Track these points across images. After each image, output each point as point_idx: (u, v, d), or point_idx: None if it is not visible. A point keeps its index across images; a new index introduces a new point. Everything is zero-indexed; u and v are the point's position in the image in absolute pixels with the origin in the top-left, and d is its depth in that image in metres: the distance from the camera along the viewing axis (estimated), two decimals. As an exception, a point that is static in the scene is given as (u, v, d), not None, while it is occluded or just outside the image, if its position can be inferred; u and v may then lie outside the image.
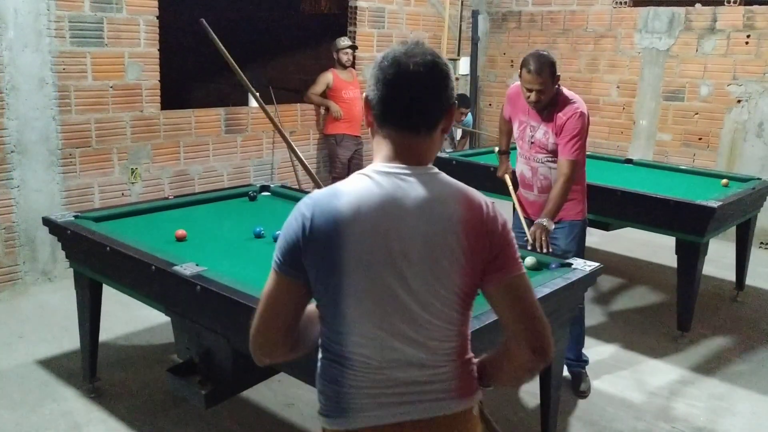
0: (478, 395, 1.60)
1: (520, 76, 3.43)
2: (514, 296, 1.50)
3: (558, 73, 3.40)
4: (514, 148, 3.83)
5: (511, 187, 3.87)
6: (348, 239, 1.40)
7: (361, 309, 1.44)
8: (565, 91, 3.49)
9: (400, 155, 1.48)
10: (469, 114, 6.86)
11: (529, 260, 2.83)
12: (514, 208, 3.80)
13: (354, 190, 1.44)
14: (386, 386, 1.50)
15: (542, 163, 3.52)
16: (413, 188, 1.45)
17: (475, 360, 1.62)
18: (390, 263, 1.42)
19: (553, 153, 3.47)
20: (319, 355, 1.57)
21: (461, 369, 1.56)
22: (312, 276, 1.44)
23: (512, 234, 1.53)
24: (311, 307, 1.55)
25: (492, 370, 1.63)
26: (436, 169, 1.51)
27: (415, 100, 1.45)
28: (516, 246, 1.52)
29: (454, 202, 1.46)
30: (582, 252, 3.52)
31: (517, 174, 3.72)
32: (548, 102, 3.41)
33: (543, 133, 3.48)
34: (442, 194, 1.46)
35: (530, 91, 3.37)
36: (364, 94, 1.54)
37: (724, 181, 4.84)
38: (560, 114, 3.41)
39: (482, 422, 1.68)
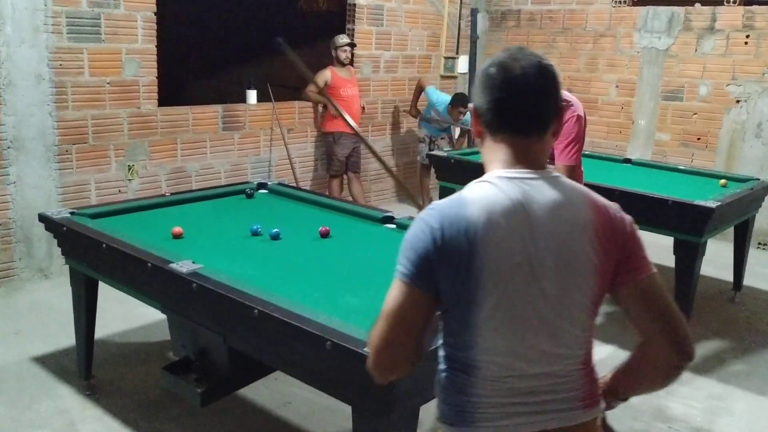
0: (602, 405, 1.57)
1: None
2: (650, 296, 1.48)
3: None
4: None
5: None
6: (482, 247, 1.36)
7: (494, 317, 1.40)
8: (563, 92, 3.47)
9: (519, 160, 1.46)
10: (468, 113, 6.83)
11: None
12: None
13: (480, 197, 1.41)
14: (515, 395, 1.46)
15: None
16: (540, 192, 1.42)
17: (603, 375, 1.62)
18: (525, 270, 1.39)
19: (550, 156, 3.45)
20: (441, 366, 1.53)
21: (588, 378, 1.53)
22: (443, 286, 1.40)
23: (640, 233, 1.51)
24: None
25: (629, 380, 1.61)
26: (556, 173, 1.49)
27: (527, 103, 1.45)
28: (644, 246, 1.50)
29: (582, 205, 1.45)
30: None
31: None
32: None
33: None
34: (570, 197, 1.45)
35: None
36: (470, 105, 1.49)
37: (723, 181, 4.84)
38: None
39: None
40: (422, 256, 1.40)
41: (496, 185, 1.43)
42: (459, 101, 6.58)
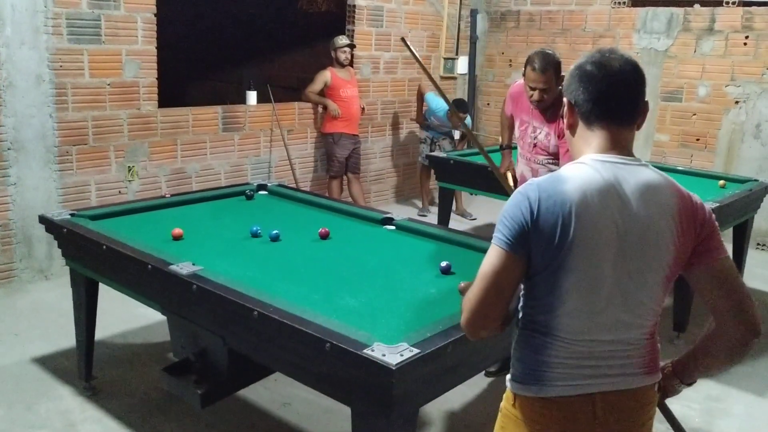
0: (659, 375, 1.71)
1: (524, 74, 3.40)
2: (723, 276, 1.62)
3: (563, 74, 3.39)
4: (515, 147, 3.82)
5: (512, 184, 3.85)
6: (575, 219, 1.50)
7: (579, 284, 1.54)
8: None
9: (612, 146, 1.61)
10: (468, 117, 6.85)
11: None
12: None
13: (577, 175, 1.56)
14: (587, 359, 1.60)
15: (543, 164, 3.51)
16: (631, 175, 1.57)
17: (669, 360, 1.77)
18: (613, 243, 1.53)
19: (555, 155, 3.46)
20: (520, 328, 1.67)
21: (652, 347, 1.68)
22: (535, 252, 1.54)
23: (716, 221, 1.65)
24: None
25: (699, 360, 1.73)
26: (644, 161, 1.64)
27: (625, 96, 1.60)
28: (720, 232, 1.65)
29: (667, 190, 1.59)
30: None
31: (519, 173, 3.70)
32: (551, 102, 3.39)
33: (545, 135, 3.45)
34: (657, 183, 1.59)
35: (533, 89, 3.35)
36: (565, 100, 1.68)
37: (721, 182, 4.84)
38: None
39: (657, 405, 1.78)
40: (518, 223, 1.53)
41: (592, 166, 1.57)
42: (459, 107, 6.58)
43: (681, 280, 1.71)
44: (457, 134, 7.05)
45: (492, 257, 1.56)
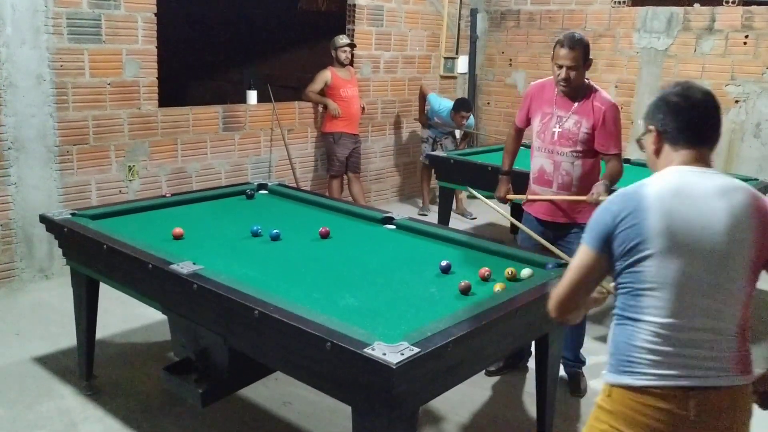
0: (752, 377, 1.77)
1: (552, 58, 3.39)
2: None
3: (591, 59, 3.40)
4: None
5: (518, 199, 3.76)
6: (654, 213, 1.71)
7: (663, 272, 1.70)
8: (601, 91, 3.47)
9: (695, 162, 1.81)
10: (471, 117, 6.85)
11: (526, 272, 2.79)
12: (520, 217, 3.71)
13: (659, 179, 1.78)
14: (674, 346, 1.70)
15: (566, 156, 3.42)
16: (710, 179, 1.77)
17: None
18: (695, 233, 1.70)
19: (582, 145, 3.38)
20: (615, 320, 1.83)
21: (743, 345, 1.75)
22: (618, 249, 1.75)
23: None
24: None
25: None
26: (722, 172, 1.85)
27: (708, 123, 1.82)
28: None
29: (744, 191, 1.76)
30: None
31: (535, 169, 3.54)
32: (577, 85, 3.37)
33: (574, 122, 3.36)
34: (734, 185, 1.78)
35: (560, 67, 3.33)
36: (651, 127, 1.87)
37: None
38: (597, 103, 3.38)
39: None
40: (602, 226, 1.78)
41: (675, 172, 1.79)
42: (461, 106, 6.60)
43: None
44: (458, 133, 7.05)
45: (580, 254, 1.83)
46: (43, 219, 3.30)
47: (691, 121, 1.80)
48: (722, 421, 1.71)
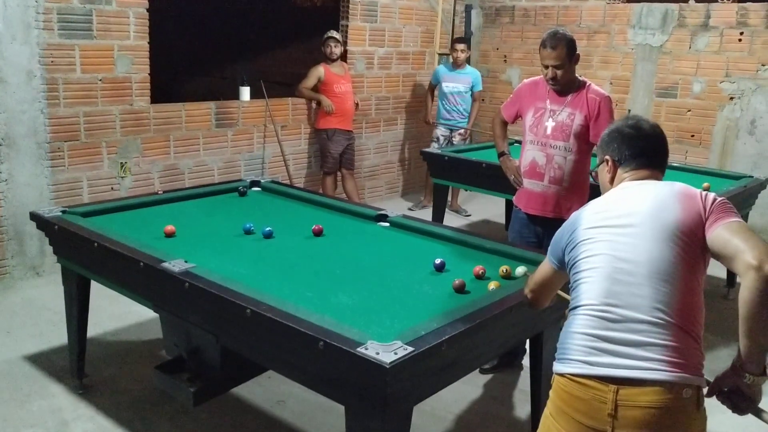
0: (699, 381, 1.72)
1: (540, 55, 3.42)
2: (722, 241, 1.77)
3: (578, 53, 3.40)
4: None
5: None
6: (586, 214, 1.91)
7: (593, 261, 1.81)
8: (594, 87, 3.48)
9: (644, 178, 1.97)
10: (478, 73, 6.91)
11: (520, 270, 2.77)
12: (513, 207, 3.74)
13: (602, 197, 2.00)
14: (604, 331, 1.73)
15: (559, 150, 3.43)
16: (647, 182, 1.94)
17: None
18: (622, 221, 1.82)
19: (575, 138, 3.38)
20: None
21: (683, 338, 1.72)
22: (566, 258, 1.93)
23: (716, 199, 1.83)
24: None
25: (742, 336, 1.71)
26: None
27: (658, 149, 2.02)
28: (727, 207, 1.81)
29: (674, 184, 1.90)
30: None
31: (527, 162, 3.57)
32: (567, 82, 3.40)
33: (567, 115, 3.39)
34: (667, 182, 1.93)
35: (546, 67, 3.37)
36: (607, 158, 2.05)
37: (705, 185, 4.74)
38: (591, 95, 3.40)
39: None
40: (556, 245, 2.00)
41: (619, 186, 1.99)
42: (455, 41, 6.78)
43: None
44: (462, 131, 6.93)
45: (544, 261, 2.08)
46: (34, 216, 3.27)
47: (644, 149, 1.99)
48: (645, 422, 1.64)
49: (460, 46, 6.67)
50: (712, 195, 1.84)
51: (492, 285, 2.56)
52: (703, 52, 6.45)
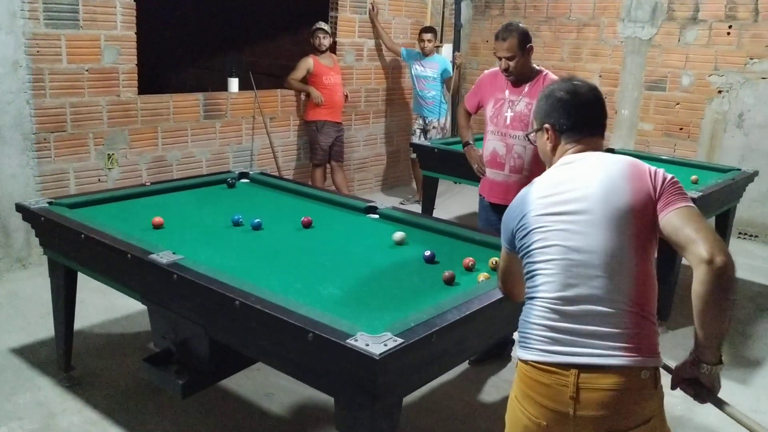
0: (651, 361, 1.74)
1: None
2: (675, 225, 1.74)
3: (530, 44, 3.47)
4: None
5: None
6: (533, 198, 1.85)
7: (547, 251, 1.79)
8: (551, 75, 3.54)
9: (585, 150, 1.92)
10: (449, 62, 6.86)
11: (398, 234, 2.93)
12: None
13: (545, 174, 1.93)
14: (561, 321, 1.75)
15: (518, 140, 3.52)
16: (592, 156, 1.88)
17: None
18: (571, 207, 1.78)
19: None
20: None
21: (641, 324, 1.73)
22: (518, 244, 1.89)
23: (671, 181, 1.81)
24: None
25: (697, 325, 1.70)
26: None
27: (596, 113, 1.95)
28: (677, 188, 1.79)
29: (622, 161, 1.84)
30: None
31: (488, 152, 3.68)
32: (521, 72, 3.48)
33: (525, 104, 3.48)
34: (614, 158, 1.87)
35: (500, 59, 3.48)
36: (543, 125, 1.96)
37: (694, 177, 4.76)
38: (547, 83, 3.41)
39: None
40: (506, 228, 1.96)
41: (563, 161, 1.91)
42: (425, 30, 6.68)
43: (660, 268, 1.78)
44: (443, 118, 6.93)
45: (501, 253, 2.06)
46: (20, 208, 3.24)
47: (586, 117, 1.92)
48: (605, 403, 1.69)
49: (427, 36, 6.63)
50: (661, 172, 1.81)
51: (481, 277, 2.56)
52: (692, 45, 6.46)
